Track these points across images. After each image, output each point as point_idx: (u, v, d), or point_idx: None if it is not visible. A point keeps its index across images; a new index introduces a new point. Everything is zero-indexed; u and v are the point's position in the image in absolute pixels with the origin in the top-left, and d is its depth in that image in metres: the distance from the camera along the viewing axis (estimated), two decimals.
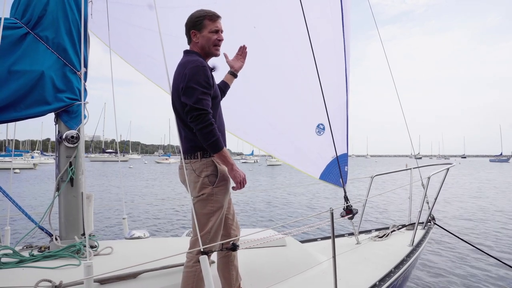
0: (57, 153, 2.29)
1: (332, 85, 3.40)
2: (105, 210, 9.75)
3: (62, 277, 1.69)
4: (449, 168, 3.62)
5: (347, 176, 3.63)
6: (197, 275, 1.72)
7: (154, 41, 3.16)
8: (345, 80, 3.51)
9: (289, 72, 3.40)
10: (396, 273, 2.59)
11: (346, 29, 3.48)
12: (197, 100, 1.68)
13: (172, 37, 2.84)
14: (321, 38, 3.31)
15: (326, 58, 3.32)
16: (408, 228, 3.92)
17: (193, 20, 1.89)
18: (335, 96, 3.46)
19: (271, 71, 3.41)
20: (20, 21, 2.13)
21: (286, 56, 3.37)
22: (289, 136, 3.50)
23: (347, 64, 3.54)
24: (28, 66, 2.11)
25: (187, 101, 1.69)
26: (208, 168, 1.78)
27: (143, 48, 3.31)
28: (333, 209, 2.00)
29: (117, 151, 45.27)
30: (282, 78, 3.43)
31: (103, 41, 3.13)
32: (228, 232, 1.98)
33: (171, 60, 1.81)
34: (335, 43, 3.43)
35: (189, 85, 1.70)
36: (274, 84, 3.43)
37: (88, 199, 2.34)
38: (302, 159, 3.52)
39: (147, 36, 3.22)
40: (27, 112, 2.15)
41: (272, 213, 9.95)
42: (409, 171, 3.90)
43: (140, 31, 3.22)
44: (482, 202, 11.82)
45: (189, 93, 1.70)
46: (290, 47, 3.33)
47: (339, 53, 3.46)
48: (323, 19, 3.36)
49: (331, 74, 3.43)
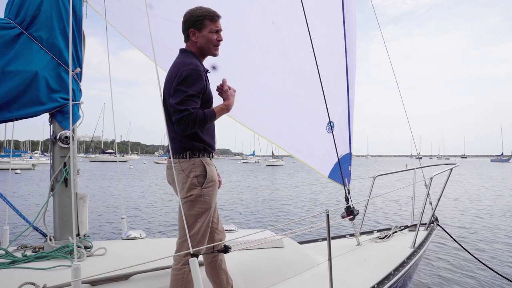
0: (51, 153, 2.28)
1: (342, 84, 3.43)
2: (105, 210, 9.75)
3: (53, 278, 1.68)
4: (452, 168, 3.57)
5: (350, 176, 3.62)
6: (185, 278, 1.70)
7: (173, 31, 3.07)
8: (347, 80, 3.51)
9: (305, 67, 3.32)
10: (396, 276, 2.55)
11: (353, 29, 3.50)
12: (181, 102, 1.67)
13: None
14: (333, 37, 3.32)
15: (337, 57, 3.36)
16: (410, 229, 3.87)
17: (193, 19, 1.84)
18: (343, 95, 3.49)
19: (288, 66, 3.37)
20: (13, 21, 2.12)
21: (302, 51, 3.33)
22: (302, 133, 3.49)
23: (353, 63, 3.56)
24: (22, 66, 2.10)
25: (172, 103, 1.69)
26: (196, 168, 1.77)
27: (160, 37, 3.23)
28: (329, 211, 1.98)
29: (116, 151, 45.27)
30: (298, 73, 3.39)
31: (118, 29, 3.08)
32: (212, 236, 1.93)
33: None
34: (342, 43, 3.43)
35: (179, 87, 1.69)
36: (290, 79, 3.39)
37: (82, 199, 2.33)
38: (315, 158, 3.55)
39: (165, 27, 3.13)
40: (21, 112, 2.14)
41: (271, 214, 9.94)
42: (411, 171, 3.85)
43: (157, 21, 3.14)
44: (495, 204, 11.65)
45: (177, 95, 1.69)
46: (305, 43, 3.29)
47: (346, 54, 3.47)
48: (334, 19, 3.37)
49: (341, 73, 3.46)
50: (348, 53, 3.47)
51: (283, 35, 3.27)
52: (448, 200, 12.08)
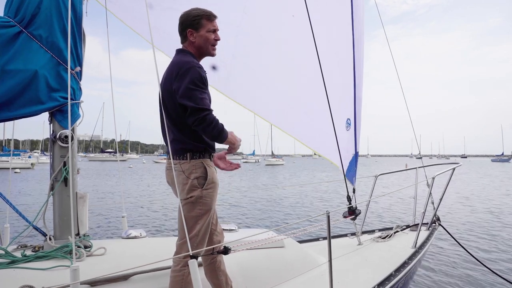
0: (51, 152, 2.27)
1: (350, 81, 3.44)
2: (106, 208, 9.74)
3: (52, 278, 1.67)
4: (455, 168, 3.55)
5: (355, 175, 3.61)
6: (185, 279, 1.69)
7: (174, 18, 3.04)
8: (354, 78, 3.50)
9: (326, 62, 3.31)
10: (397, 277, 2.52)
11: (361, 26, 3.54)
12: (199, 101, 1.67)
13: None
14: (343, 35, 3.33)
15: (346, 55, 3.36)
16: (412, 229, 3.85)
17: (190, 19, 1.85)
18: (351, 93, 3.49)
19: (310, 60, 3.35)
20: (13, 20, 2.10)
21: (323, 46, 3.31)
22: (326, 129, 3.44)
23: (360, 62, 3.57)
24: (21, 65, 2.08)
25: (188, 103, 1.67)
26: (197, 169, 1.75)
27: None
28: (329, 212, 1.96)
29: (116, 150, 45.31)
30: (318, 68, 3.37)
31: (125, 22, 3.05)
32: (211, 237, 1.92)
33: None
34: (352, 42, 3.42)
35: (189, 86, 1.68)
36: (311, 74, 3.30)
37: (82, 198, 2.32)
38: (337, 155, 3.56)
39: (165, 16, 3.09)
40: (20, 111, 2.12)
41: (271, 214, 9.93)
42: (413, 171, 3.84)
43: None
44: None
45: (189, 94, 1.67)
46: (326, 39, 3.23)
47: (354, 53, 3.46)
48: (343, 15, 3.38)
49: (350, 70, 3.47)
50: (356, 53, 3.45)
51: (304, 28, 3.24)
52: (450, 200, 12.06)
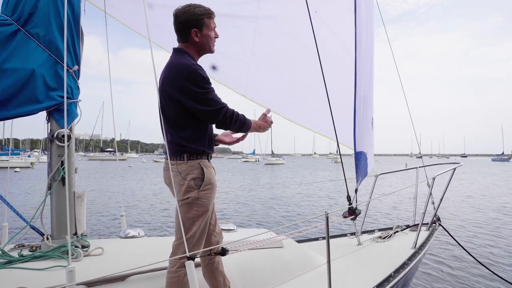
0: (49, 152, 2.25)
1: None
2: (105, 207, 9.72)
3: (49, 279, 1.65)
4: (455, 168, 3.53)
5: (365, 176, 3.60)
6: (181, 281, 1.68)
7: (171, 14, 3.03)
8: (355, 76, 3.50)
9: (350, 59, 3.22)
10: (396, 278, 2.50)
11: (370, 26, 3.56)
12: (211, 102, 1.72)
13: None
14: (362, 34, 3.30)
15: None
16: (412, 229, 3.83)
17: (194, 18, 1.78)
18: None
19: (335, 56, 3.32)
20: (10, 18, 2.09)
21: (346, 43, 3.25)
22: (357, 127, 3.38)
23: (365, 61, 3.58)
24: (18, 64, 2.07)
25: (204, 108, 1.71)
26: (194, 170, 1.74)
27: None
28: (328, 213, 1.95)
29: (115, 150, 45.28)
30: (343, 65, 3.30)
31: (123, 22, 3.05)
32: (209, 238, 1.91)
33: None
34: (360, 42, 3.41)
35: (197, 91, 1.68)
36: (337, 72, 3.30)
37: (80, 198, 2.31)
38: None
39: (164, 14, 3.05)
40: (18, 110, 2.11)
41: (271, 214, 9.92)
42: (413, 170, 3.81)
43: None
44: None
45: (201, 100, 1.70)
46: (348, 35, 3.20)
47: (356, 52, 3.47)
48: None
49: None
50: (365, 53, 3.45)
51: (327, 25, 3.19)
52: (450, 200, 12.05)
